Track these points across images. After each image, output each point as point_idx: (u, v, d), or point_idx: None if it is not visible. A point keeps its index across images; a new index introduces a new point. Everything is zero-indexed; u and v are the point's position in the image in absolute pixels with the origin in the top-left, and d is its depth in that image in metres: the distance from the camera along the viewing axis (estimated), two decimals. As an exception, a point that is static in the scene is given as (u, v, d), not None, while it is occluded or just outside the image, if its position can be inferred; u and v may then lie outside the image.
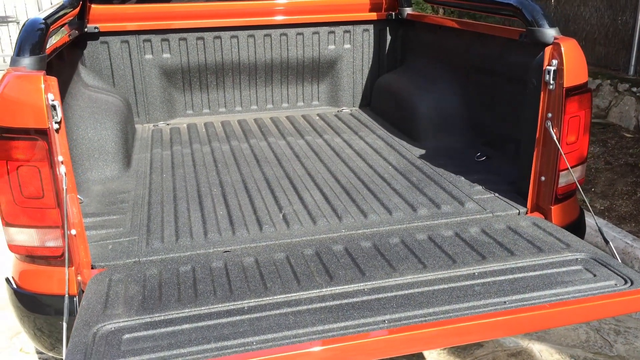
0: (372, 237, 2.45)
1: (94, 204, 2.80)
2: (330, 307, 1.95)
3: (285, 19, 4.19)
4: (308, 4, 4.26)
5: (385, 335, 1.76)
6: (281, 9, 4.21)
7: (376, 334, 1.77)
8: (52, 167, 2.07)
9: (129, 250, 2.38)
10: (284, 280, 2.12)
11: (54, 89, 2.08)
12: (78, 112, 3.14)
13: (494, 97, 3.31)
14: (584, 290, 2.01)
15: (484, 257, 2.26)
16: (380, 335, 1.76)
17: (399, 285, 2.08)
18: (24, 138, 2.04)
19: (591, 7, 6.93)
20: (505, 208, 2.70)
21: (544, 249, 2.30)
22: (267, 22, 4.16)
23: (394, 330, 1.78)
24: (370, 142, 3.70)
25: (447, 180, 3.03)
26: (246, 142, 3.73)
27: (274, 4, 4.22)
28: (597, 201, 4.86)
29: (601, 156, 5.57)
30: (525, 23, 2.76)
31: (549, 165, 2.61)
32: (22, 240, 2.17)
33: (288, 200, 2.84)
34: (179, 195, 2.91)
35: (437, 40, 3.90)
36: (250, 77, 4.30)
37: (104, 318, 1.90)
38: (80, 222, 2.22)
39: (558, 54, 2.49)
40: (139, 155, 3.52)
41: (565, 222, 2.65)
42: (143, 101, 4.11)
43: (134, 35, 3.97)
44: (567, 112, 2.51)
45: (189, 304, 1.98)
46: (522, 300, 1.97)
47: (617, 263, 2.17)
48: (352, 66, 4.44)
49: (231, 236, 2.49)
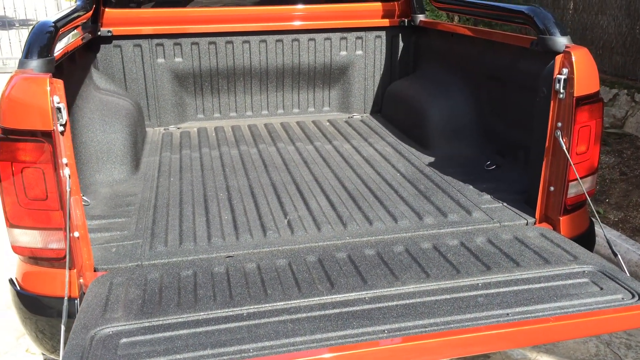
0: (377, 245, 2.43)
1: (100, 207, 2.81)
2: (330, 315, 1.93)
3: (297, 25, 4.19)
4: (320, 10, 4.25)
5: (383, 345, 1.73)
6: (293, 14, 4.22)
7: (373, 344, 1.74)
8: (56, 169, 2.08)
9: (132, 253, 2.38)
10: (285, 287, 2.11)
11: (59, 92, 2.09)
12: (88, 114, 3.16)
13: (505, 105, 3.27)
14: (590, 304, 1.96)
15: (489, 267, 2.23)
16: (378, 345, 1.74)
17: (401, 295, 2.05)
18: (29, 140, 2.05)
19: (609, 16, 6.85)
20: (513, 218, 2.66)
21: (550, 260, 2.26)
22: (279, 27, 4.16)
23: (392, 340, 1.75)
24: (380, 149, 3.67)
25: (456, 188, 3.00)
26: (255, 147, 3.73)
27: (287, 10, 4.22)
28: (611, 212, 4.78)
29: (616, 167, 5.48)
30: (537, 31, 2.73)
31: (558, 176, 2.56)
32: (25, 242, 2.18)
33: (294, 206, 2.83)
34: (185, 199, 2.91)
35: (450, 48, 3.87)
36: (261, 82, 4.30)
37: (103, 321, 1.90)
38: (84, 225, 2.22)
39: (569, 63, 2.45)
40: (148, 158, 3.53)
41: (574, 234, 2.60)
42: (154, 105, 4.13)
43: (147, 39, 3.99)
44: (577, 122, 2.47)
45: (188, 309, 1.97)
46: (525, 313, 1.93)
47: (625, 276, 2.12)
48: (363, 72, 4.42)
49: (235, 241, 2.48)
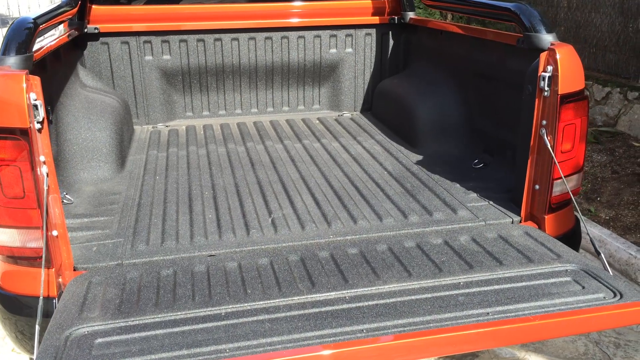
0: (360, 244, 2.41)
1: (83, 205, 2.78)
2: (309, 314, 1.91)
3: (286, 22, 4.16)
4: (310, 7, 4.23)
5: (359, 345, 1.71)
6: (283, 12, 4.19)
7: (349, 343, 1.72)
8: (34, 167, 2.06)
9: (113, 252, 2.36)
10: (265, 287, 2.09)
11: (37, 89, 2.07)
12: (73, 112, 3.13)
13: (493, 103, 3.26)
14: (571, 303, 1.95)
15: (472, 266, 2.21)
16: (354, 345, 1.72)
17: (382, 294, 2.04)
18: (5, 137, 2.02)
19: (602, 14, 6.83)
20: (499, 216, 2.65)
21: (533, 259, 2.25)
22: (268, 24, 4.14)
23: (368, 340, 1.73)
24: (368, 147, 3.66)
25: (442, 187, 2.98)
26: (243, 145, 3.71)
27: (276, 7, 4.20)
28: (602, 211, 4.77)
29: (608, 165, 5.47)
30: (523, 28, 2.71)
31: (543, 174, 2.55)
32: (3, 241, 2.15)
33: (279, 204, 2.81)
34: (170, 197, 2.89)
35: (439, 46, 3.85)
36: (250, 79, 4.28)
37: (79, 321, 1.88)
38: (63, 223, 2.20)
39: (553, 60, 2.44)
40: (134, 156, 3.51)
41: (560, 232, 2.59)
42: (142, 102, 4.11)
43: (135, 36, 3.96)
44: (561, 120, 2.46)
45: (166, 308, 1.95)
46: (506, 312, 1.91)
47: (607, 275, 2.10)
48: (353, 70, 4.40)
49: (217, 240, 2.46)
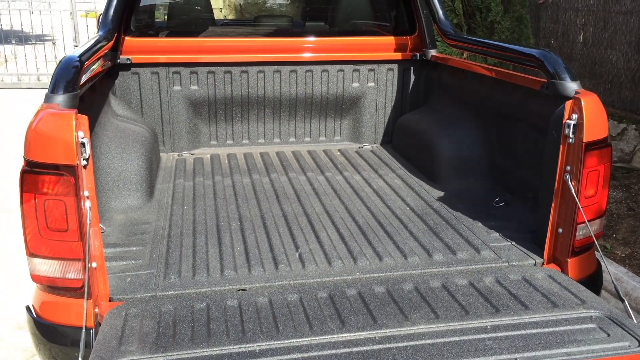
0: (386, 282, 2.47)
1: (115, 234, 2.86)
2: (341, 354, 1.97)
3: (311, 56, 4.27)
4: (334, 42, 4.35)
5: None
6: (308, 46, 4.30)
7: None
8: (78, 201, 2.14)
9: (146, 283, 2.42)
10: (297, 324, 2.14)
11: (84, 127, 2.16)
12: (106, 141, 3.23)
13: (515, 143, 3.32)
14: (597, 351, 1.99)
15: (498, 309, 2.26)
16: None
17: (411, 335, 2.09)
18: (52, 173, 2.11)
19: (618, 51, 6.92)
20: (522, 258, 2.70)
21: (558, 304, 2.29)
22: (294, 58, 4.25)
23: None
24: (389, 181, 3.72)
25: (465, 225, 3.04)
26: (267, 176, 3.79)
27: (301, 42, 4.32)
28: (618, 248, 4.80)
29: (624, 202, 5.51)
30: (547, 75, 2.79)
31: (567, 218, 2.60)
32: (44, 271, 2.23)
33: (305, 238, 2.88)
34: (198, 228, 2.96)
35: (460, 83, 3.93)
36: (274, 110, 4.37)
37: (118, 354, 1.94)
38: (101, 255, 2.27)
39: (578, 109, 2.51)
40: (162, 185, 3.59)
41: (582, 276, 2.63)
42: (169, 131, 4.21)
43: (164, 67, 4.08)
44: (586, 166, 2.52)
45: (202, 343, 2.01)
46: (534, 358, 1.96)
47: (631, 323, 2.15)
48: (375, 104, 4.49)
49: (247, 274, 2.53)
